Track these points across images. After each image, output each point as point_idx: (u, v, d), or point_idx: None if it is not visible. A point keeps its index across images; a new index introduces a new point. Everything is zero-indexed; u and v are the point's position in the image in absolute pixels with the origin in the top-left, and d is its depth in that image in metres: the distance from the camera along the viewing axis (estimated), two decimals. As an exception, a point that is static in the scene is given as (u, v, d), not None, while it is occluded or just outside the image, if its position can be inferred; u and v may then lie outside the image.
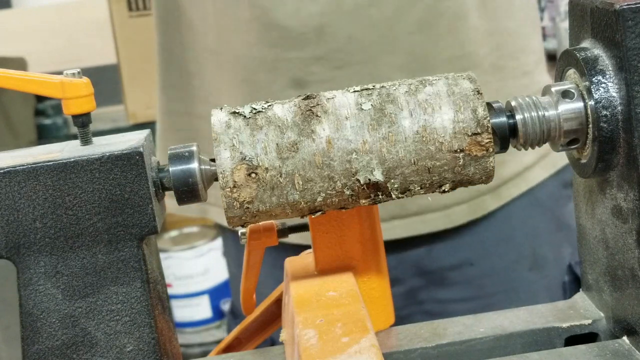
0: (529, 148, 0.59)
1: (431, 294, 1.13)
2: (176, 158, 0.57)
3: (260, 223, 0.66)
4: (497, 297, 1.13)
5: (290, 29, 1.00)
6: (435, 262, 1.11)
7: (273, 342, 0.88)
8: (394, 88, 0.57)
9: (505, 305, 1.11)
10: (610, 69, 0.56)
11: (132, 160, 0.55)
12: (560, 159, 1.13)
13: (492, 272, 1.13)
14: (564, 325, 0.64)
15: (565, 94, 0.58)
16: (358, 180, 0.56)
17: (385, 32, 1.00)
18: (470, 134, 0.56)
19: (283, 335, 0.65)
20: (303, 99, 0.57)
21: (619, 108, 0.55)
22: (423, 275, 1.11)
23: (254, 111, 0.57)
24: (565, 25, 2.64)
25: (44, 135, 2.55)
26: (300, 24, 1.00)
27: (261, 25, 1.01)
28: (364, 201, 0.57)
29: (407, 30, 1.00)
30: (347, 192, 0.56)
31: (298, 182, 0.56)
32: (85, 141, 0.58)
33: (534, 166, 1.12)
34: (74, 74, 0.57)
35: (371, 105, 0.56)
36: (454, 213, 1.09)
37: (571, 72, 0.59)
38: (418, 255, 1.11)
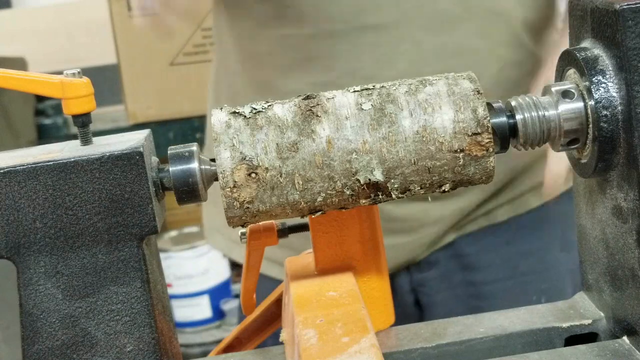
0: (529, 148, 0.59)
1: (466, 276, 1.15)
2: (176, 158, 0.57)
3: (260, 223, 0.66)
4: (529, 277, 1.16)
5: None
6: (470, 244, 1.14)
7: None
8: (394, 88, 0.57)
9: (537, 284, 1.16)
10: (610, 69, 0.56)
11: (132, 160, 0.55)
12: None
13: (527, 252, 1.17)
14: (564, 325, 0.64)
15: (566, 94, 0.58)
16: (358, 180, 0.56)
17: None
18: (470, 133, 0.56)
19: (283, 335, 0.65)
20: (303, 99, 0.57)
21: (619, 108, 0.55)
22: (458, 258, 1.13)
23: (254, 111, 0.57)
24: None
25: (44, 135, 2.55)
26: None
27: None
28: (364, 201, 0.57)
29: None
30: (347, 192, 0.56)
31: (298, 182, 0.56)
32: (85, 141, 0.58)
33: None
34: (74, 74, 0.57)
35: (371, 105, 0.56)
36: (496, 215, 1.13)
37: (571, 72, 0.59)
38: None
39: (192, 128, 2.37)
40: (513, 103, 0.59)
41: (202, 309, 2.53)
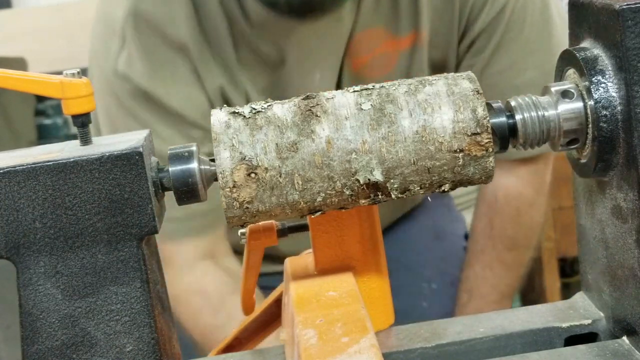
0: (529, 148, 0.59)
1: None
2: (176, 158, 0.57)
3: (260, 223, 0.66)
4: (405, 264, 1.38)
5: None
6: None
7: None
8: (394, 88, 0.57)
9: (419, 271, 1.41)
10: (610, 68, 0.56)
11: (131, 160, 0.55)
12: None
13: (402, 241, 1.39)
14: (564, 325, 0.64)
15: (565, 94, 0.58)
16: (358, 180, 0.56)
17: None
18: (469, 133, 0.56)
19: (283, 335, 0.65)
20: (303, 99, 0.57)
21: (619, 108, 0.55)
22: None
23: (253, 111, 0.57)
24: (565, 25, 2.63)
25: (44, 135, 2.55)
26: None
27: None
28: (363, 201, 0.57)
29: None
30: (347, 192, 0.56)
31: (298, 182, 0.56)
32: (85, 141, 0.58)
33: None
34: (73, 74, 0.57)
35: (371, 105, 0.56)
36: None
37: (571, 72, 0.59)
38: None
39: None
40: (513, 103, 0.59)
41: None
